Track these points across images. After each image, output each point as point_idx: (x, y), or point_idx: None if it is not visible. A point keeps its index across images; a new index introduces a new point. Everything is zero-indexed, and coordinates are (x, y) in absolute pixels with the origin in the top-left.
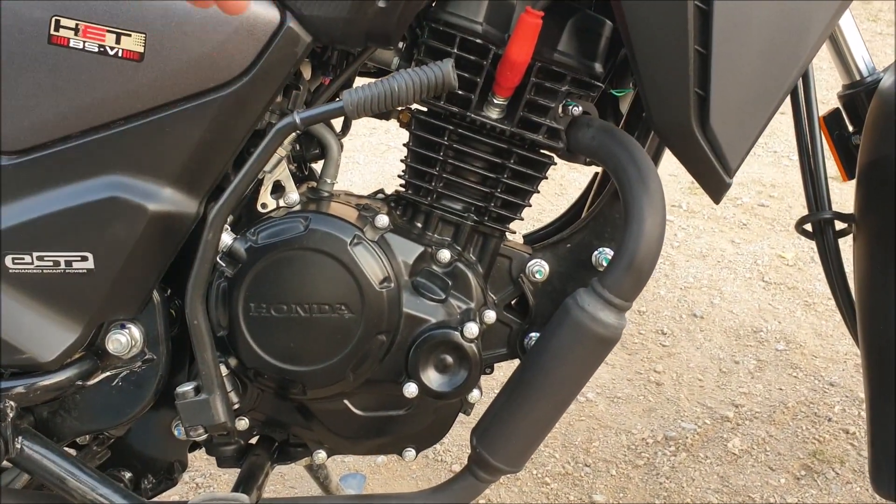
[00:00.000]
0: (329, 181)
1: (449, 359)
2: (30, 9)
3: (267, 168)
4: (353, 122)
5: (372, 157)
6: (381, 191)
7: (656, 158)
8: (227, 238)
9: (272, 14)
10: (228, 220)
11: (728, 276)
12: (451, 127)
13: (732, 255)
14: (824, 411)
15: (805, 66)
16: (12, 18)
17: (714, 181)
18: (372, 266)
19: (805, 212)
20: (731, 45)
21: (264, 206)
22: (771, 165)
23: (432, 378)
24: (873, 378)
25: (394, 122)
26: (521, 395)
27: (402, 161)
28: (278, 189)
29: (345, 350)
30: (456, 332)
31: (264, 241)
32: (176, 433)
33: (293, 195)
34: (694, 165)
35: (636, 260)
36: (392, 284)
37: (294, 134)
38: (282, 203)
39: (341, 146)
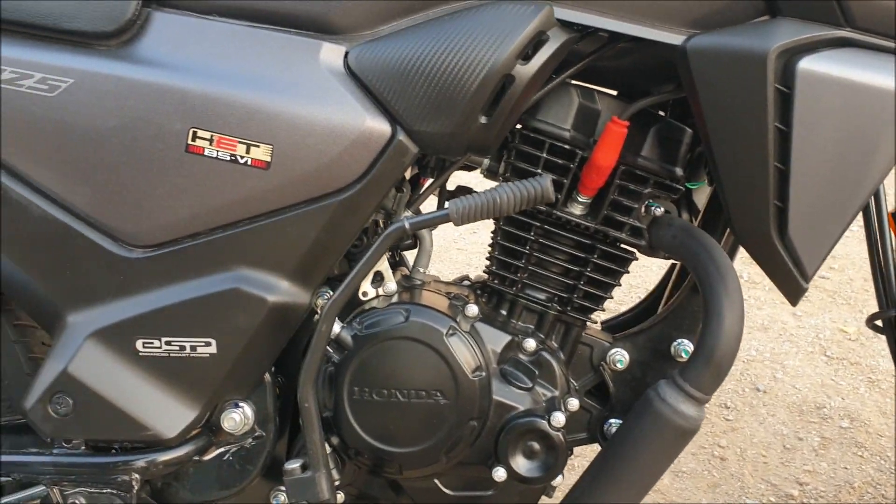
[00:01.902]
0: (422, 270)
1: (536, 445)
2: (170, 120)
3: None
4: None
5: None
6: (467, 277)
7: (732, 253)
8: (335, 327)
9: (384, 128)
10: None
11: (790, 349)
12: (537, 223)
13: (794, 327)
14: (892, 494)
15: (880, 180)
16: (154, 128)
17: (791, 285)
18: (465, 356)
19: (866, 283)
20: (808, 162)
21: (364, 294)
22: None
23: (520, 464)
24: None
25: None
26: (602, 482)
27: (489, 247)
28: (377, 277)
29: (439, 434)
30: (543, 421)
31: (368, 330)
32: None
33: (391, 285)
34: (772, 269)
35: (716, 355)
36: (483, 373)
37: None
38: (380, 291)
39: (432, 239)
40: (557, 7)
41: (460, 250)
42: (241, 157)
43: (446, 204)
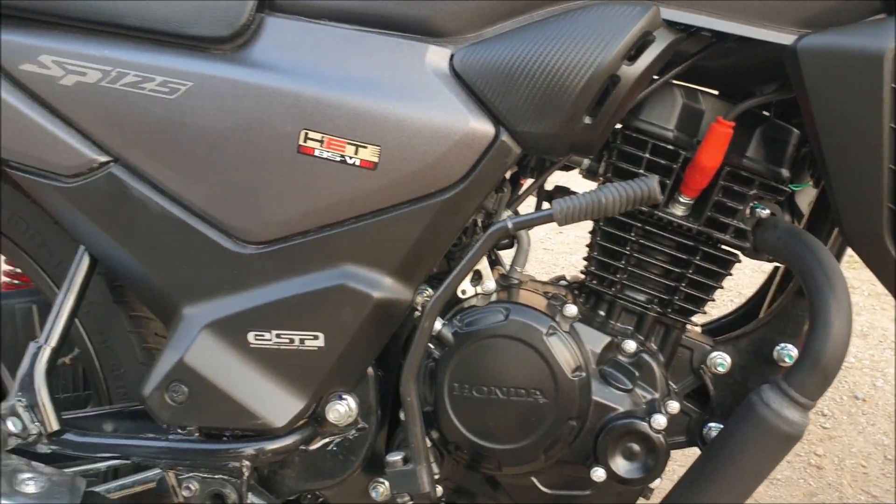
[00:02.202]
0: (519, 269)
1: (636, 447)
2: (283, 122)
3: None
4: None
5: None
6: (563, 277)
7: (838, 257)
8: (436, 324)
9: (488, 129)
10: None
11: (890, 357)
12: (638, 224)
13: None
14: None
15: None
16: (268, 130)
17: None
18: (565, 355)
19: None
20: None
21: (464, 291)
22: None
23: (620, 465)
24: None
25: None
26: (702, 486)
27: (587, 247)
28: (476, 276)
29: (538, 432)
30: (644, 423)
31: (469, 328)
32: (373, 495)
33: (490, 283)
34: (882, 271)
35: (822, 360)
36: (583, 373)
37: None
38: (479, 290)
39: (530, 238)
40: (664, 7)
41: (546, 250)
42: (350, 158)
43: (545, 204)
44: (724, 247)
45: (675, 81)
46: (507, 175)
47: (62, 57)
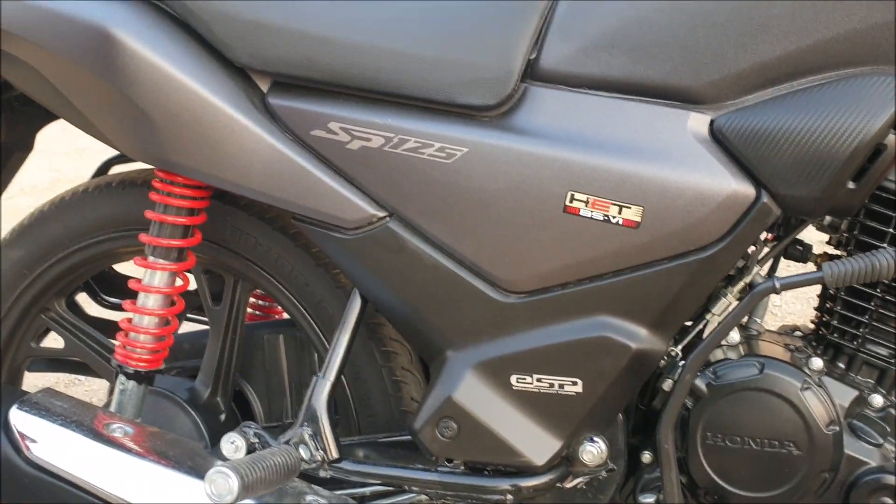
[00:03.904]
0: (757, 320)
1: (889, 502)
2: (550, 184)
3: (716, 311)
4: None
5: None
6: (797, 328)
7: None
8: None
9: (749, 191)
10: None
11: None
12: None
13: None
14: None
15: None
16: (536, 191)
17: None
18: (820, 409)
19: None
20: None
21: None
22: None
23: None
24: None
25: None
26: None
27: (820, 297)
28: None
29: (789, 483)
30: None
31: (723, 380)
32: None
33: (734, 335)
34: None
35: None
36: (837, 427)
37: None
38: (724, 341)
39: None
40: None
41: None
42: (613, 217)
43: (809, 265)
44: None
45: None
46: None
47: (349, 124)
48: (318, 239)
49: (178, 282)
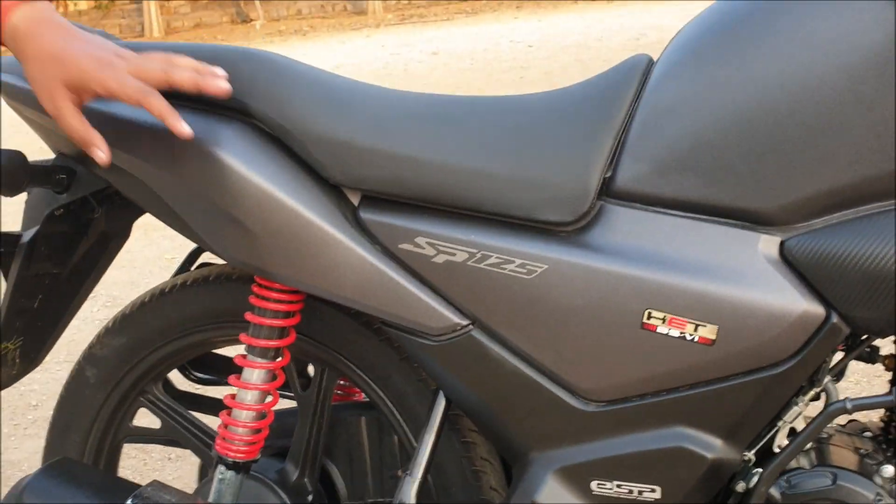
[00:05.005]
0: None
1: None
2: (627, 302)
3: (788, 419)
4: None
5: None
6: (867, 428)
7: None
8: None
9: (819, 311)
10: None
11: None
12: None
13: None
14: None
15: None
16: (614, 308)
17: None
18: None
19: None
20: None
21: (780, 447)
22: None
23: None
24: None
25: None
26: None
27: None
28: (791, 432)
29: None
30: None
31: (797, 490)
32: None
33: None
34: None
35: None
36: None
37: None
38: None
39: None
40: None
41: None
42: (690, 335)
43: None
44: None
45: None
46: None
47: (435, 239)
48: (405, 344)
49: (275, 378)
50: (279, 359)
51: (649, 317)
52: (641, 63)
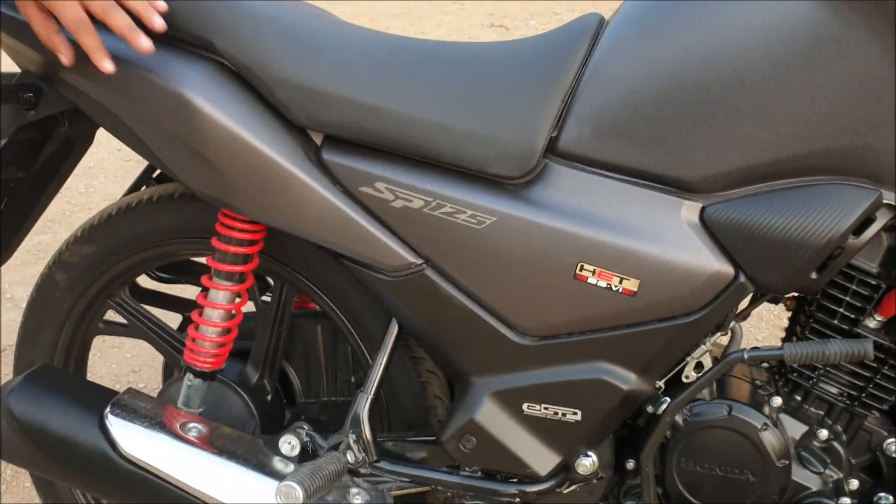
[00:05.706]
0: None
1: None
2: (563, 255)
3: (695, 355)
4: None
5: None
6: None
7: None
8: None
9: (729, 271)
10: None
11: None
12: (839, 336)
13: None
14: None
15: None
16: (551, 259)
17: None
18: (774, 446)
19: None
20: None
21: (687, 377)
22: None
23: None
24: None
25: None
26: None
27: (793, 337)
28: (699, 366)
29: (745, 502)
30: (832, 502)
31: (697, 418)
32: None
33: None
34: None
35: None
36: (787, 460)
37: (720, 333)
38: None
39: (742, 331)
40: (885, 191)
41: None
42: (615, 286)
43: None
44: None
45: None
46: None
47: (394, 186)
48: (362, 277)
49: (238, 299)
50: (243, 282)
51: (581, 269)
52: (592, 24)
